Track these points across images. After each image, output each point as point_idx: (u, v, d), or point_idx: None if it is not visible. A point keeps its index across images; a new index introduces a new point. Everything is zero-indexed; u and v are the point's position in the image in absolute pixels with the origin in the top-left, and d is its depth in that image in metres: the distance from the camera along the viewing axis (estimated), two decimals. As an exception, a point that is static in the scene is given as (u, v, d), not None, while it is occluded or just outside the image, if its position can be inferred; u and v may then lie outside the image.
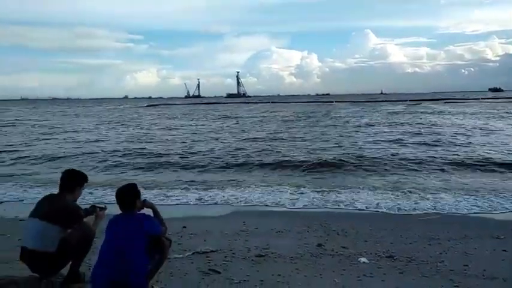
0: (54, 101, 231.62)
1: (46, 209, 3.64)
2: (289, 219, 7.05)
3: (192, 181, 10.75)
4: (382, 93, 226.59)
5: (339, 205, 8.11)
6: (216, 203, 8.51)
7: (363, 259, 4.80)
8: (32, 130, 29.69)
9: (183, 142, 20.13)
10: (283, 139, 20.57)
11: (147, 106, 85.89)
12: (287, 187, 9.68)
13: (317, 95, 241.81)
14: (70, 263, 3.65)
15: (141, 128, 29.93)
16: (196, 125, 32.45)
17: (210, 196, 8.99)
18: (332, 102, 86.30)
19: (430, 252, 5.08)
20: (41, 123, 36.63)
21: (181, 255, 4.81)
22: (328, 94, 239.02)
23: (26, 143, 20.77)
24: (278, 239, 5.74)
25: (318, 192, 9.08)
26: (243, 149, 16.95)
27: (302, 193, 9.07)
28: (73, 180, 3.84)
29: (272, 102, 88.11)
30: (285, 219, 7.03)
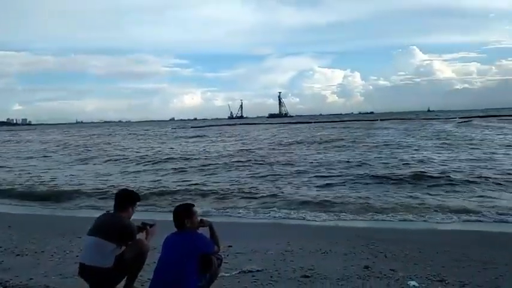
0: (105, 123, 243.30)
1: (102, 227, 3.85)
2: (333, 239, 6.97)
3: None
4: (429, 110, 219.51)
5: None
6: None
7: (412, 282, 4.65)
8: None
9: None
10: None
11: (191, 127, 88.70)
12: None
13: (360, 113, 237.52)
14: (125, 278, 3.83)
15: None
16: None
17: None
18: (376, 120, 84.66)
19: (486, 277, 4.83)
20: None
21: (228, 274, 4.88)
22: (372, 112, 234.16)
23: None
24: (324, 260, 5.69)
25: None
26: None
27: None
28: (126, 200, 4.05)
29: (315, 122, 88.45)
30: (329, 239, 6.96)
